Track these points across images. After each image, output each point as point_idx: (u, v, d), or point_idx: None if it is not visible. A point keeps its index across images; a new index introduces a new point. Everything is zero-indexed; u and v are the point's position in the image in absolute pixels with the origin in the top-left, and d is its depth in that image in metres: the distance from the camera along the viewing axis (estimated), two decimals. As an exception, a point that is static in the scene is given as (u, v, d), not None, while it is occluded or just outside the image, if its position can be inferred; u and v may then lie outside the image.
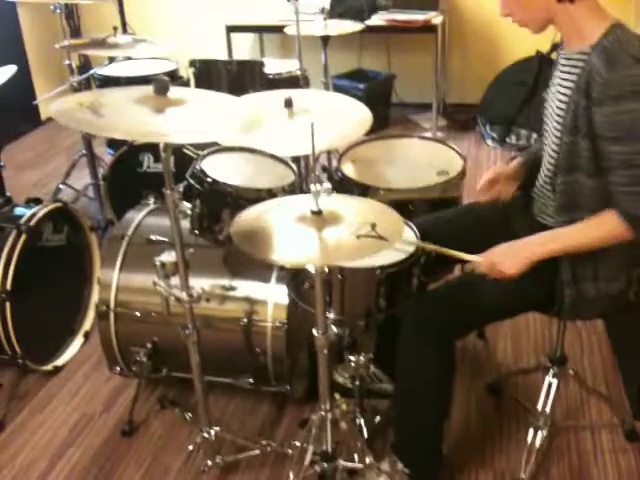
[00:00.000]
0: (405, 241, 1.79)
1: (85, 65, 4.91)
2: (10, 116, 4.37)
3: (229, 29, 4.68)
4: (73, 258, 2.74)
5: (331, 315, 1.77)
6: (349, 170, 2.31)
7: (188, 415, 2.27)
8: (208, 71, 3.39)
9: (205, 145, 2.18)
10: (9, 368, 2.55)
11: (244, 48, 5.16)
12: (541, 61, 4.31)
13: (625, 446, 2.16)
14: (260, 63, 3.39)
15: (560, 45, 1.83)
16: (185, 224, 1.92)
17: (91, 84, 3.79)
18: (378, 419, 2.20)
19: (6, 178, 2.78)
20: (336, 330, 1.71)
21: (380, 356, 2.14)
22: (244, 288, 2.16)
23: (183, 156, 2.82)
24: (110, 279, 2.22)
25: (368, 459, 1.93)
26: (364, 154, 2.42)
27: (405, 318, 1.82)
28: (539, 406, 2.07)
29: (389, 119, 4.90)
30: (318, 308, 1.64)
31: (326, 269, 1.63)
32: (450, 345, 1.82)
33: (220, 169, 2.08)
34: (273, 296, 2.14)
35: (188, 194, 2.02)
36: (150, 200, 2.46)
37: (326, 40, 3.35)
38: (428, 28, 4.41)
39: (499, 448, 2.17)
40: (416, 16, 4.40)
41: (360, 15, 4.37)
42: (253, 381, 2.22)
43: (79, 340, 2.72)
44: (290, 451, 2.12)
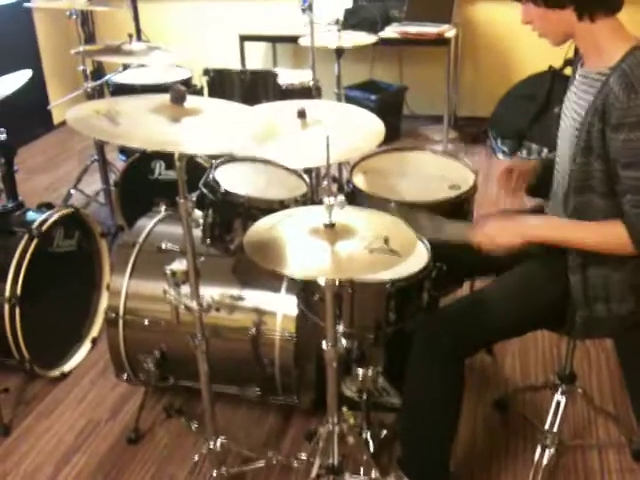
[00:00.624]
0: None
1: (99, 71, 4.93)
2: (24, 120, 4.40)
3: (242, 38, 4.70)
4: (83, 264, 2.75)
5: (340, 328, 1.76)
6: (360, 182, 2.31)
7: (194, 424, 2.26)
8: (222, 80, 3.41)
9: (218, 154, 2.18)
10: (16, 373, 2.55)
11: (257, 57, 5.18)
12: (553, 76, 4.31)
13: (632, 466, 2.15)
14: (273, 73, 3.40)
15: (575, 61, 1.83)
16: (196, 233, 1.92)
17: (104, 90, 3.81)
18: (384, 433, 2.19)
19: (18, 182, 2.79)
20: (345, 343, 1.70)
21: (389, 369, 2.14)
22: (253, 298, 2.15)
23: (195, 165, 2.82)
24: (120, 286, 2.23)
25: (374, 473, 1.91)
26: (376, 166, 2.42)
27: (415, 336, 1.81)
28: (547, 424, 2.06)
29: (400, 131, 4.90)
30: (328, 321, 1.63)
31: (337, 282, 1.63)
32: (459, 363, 1.81)
33: (232, 179, 2.08)
34: (282, 307, 2.13)
35: (200, 203, 2.02)
36: (161, 208, 2.46)
37: (340, 52, 3.36)
38: (441, 41, 4.42)
39: (505, 465, 2.16)
40: (429, 29, 4.41)
41: (373, 27, 4.39)
42: (260, 392, 2.21)
43: (86, 346, 2.73)
44: (296, 464, 2.11)
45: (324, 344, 1.66)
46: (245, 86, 3.39)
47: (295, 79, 3.48)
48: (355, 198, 2.23)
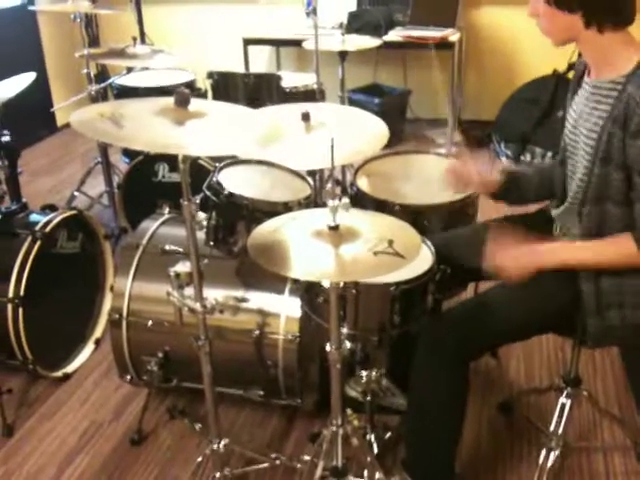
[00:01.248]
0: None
1: (103, 74, 4.94)
2: (27, 122, 4.40)
3: (246, 42, 4.70)
4: (86, 265, 2.75)
5: (344, 330, 1.76)
6: (364, 185, 2.31)
7: (197, 426, 2.26)
8: (225, 83, 3.41)
9: (221, 157, 2.19)
10: (19, 374, 2.55)
11: (261, 61, 5.18)
12: (557, 80, 4.31)
13: (638, 469, 2.14)
14: (277, 76, 3.41)
15: (577, 68, 1.82)
16: (200, 235, 1.92)
17: (108, 93, 3.82)
18: (389, 435, 2.19)
19: (22, 184, 2.80)
20: (349, 345, 1.70)
21: (393, 372, 2.13)
22: (257, 300, 2.15)
23: (199, 168, 2.83)
24: (123, 287, 2.23)
25: (378, 475, 1.91)
26: (379, 169, 2.42)
27: (419, 339, 1.80)
28: (552, 427, 2.05)
29: (404, 134, 4.90)
30: (332, 323, 1.63)
31: (341, 284, 1.63)
32: (464, 366, 1.80)
33: (236, 181, 2.08)
34: (286, 309, 2.13)
35: (204, 206, 2.02)
36: (165, 210, 2.47)
37: (343, 55, 3.37)
38: (445, 45, 4.42)
39: (510, 468, 2.15)
40: (433, 33, 4.41)
41: (377, 31, 4.39)
42: (263, 393, 2.21)
43: (90, 347, 2.73)
44: (299, 465, 2.11)
45: (328, 346, 1.66)
46: (249, 89, 3.40)
47: (299, 82, 3.49)
48: (359, 201, 2.23)
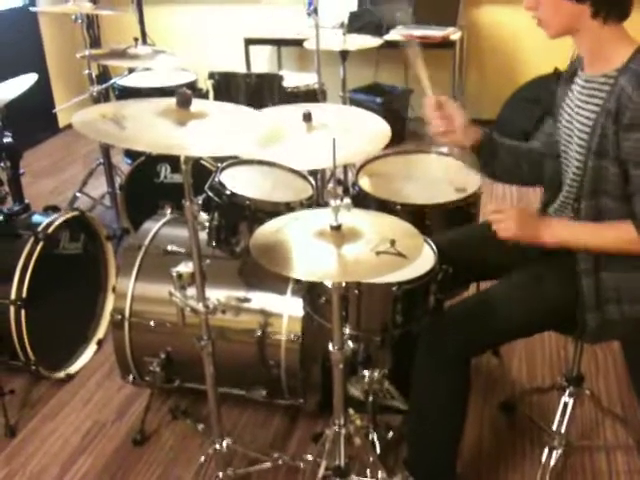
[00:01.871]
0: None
1: (104, 75, 4.95)
2: (29, 123, 4.41)
3: (248, 42, 4.71)
4: (88, 266, 2.76)
5: (347, 330, 1.76)
6: (366, 184, 2.31)
7: (200, 426, 2.27)
8: (227, 83, 3.41)
9: (223, 158, 2.19)
10: (22, 374, 2.56)
11: (262, 61, 5.18)
12: (559, 78, 4.29)
13: (640, 468, 2.15)
14: (279, 76, 3.41)
15: (571, 64, 1.82)
16: (202, 235, 1.92)
17: (109, 94, 3.82)
18: (391, 435, 2.19)
19: (24, 185, 2.81)
20: (352, 345, 1.70)
21: (395, 371, 2.13)
22: (259, 300, 2.16)
23: (201, 168, 2.83)
24: (126, 288, 2.23)
25: (381, 475, 1.91)
26: (381, 169, 2.42)
27: (420, 339, 1.80)
28: (554, 426, 2.05)
29: (405, 134, 4.90)
30: (335, 323, 1.63)
31: (343, 284, 1.63)
32: (465, 364, 1.80)
33: (238, 182, 2.08)
34: (288, 309, 2.14)
35: (206, 206, 2.03)
36: (167, 210, 2.47)
37: (345, 55, 3.37)
38: (446, 44, 4.42)
39: (513, 467, 2.15)
40: (434, 32, 4.41)
41: (378, 30, 4.39)
42: (266, 393, 2.21)
43: (92, 348, 2.73)
44: (302, 465, 2.11)
45: (330, 346, 1.66)
46: (250, 89, 3.40)
47: (300, 82, 3.49)
48: (361, 201, 2.23)
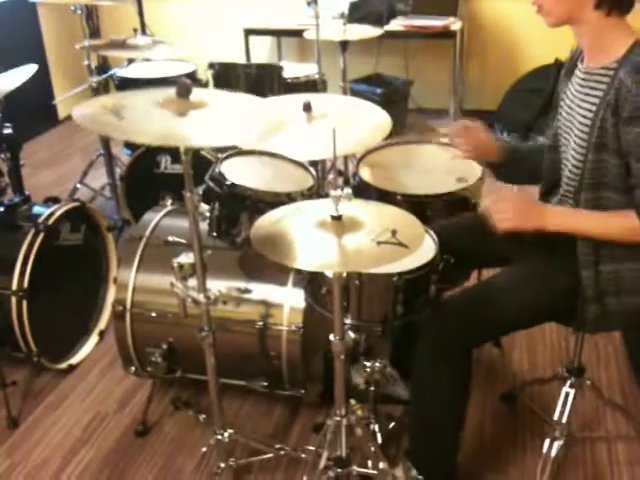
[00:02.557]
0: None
1: (104, 65, 4.94)
2: (29, 115, 4.40)
3: (247, 32, 4.69)
4: (89, 257, 2.76)
5: (348, 320, 1.76)
6: (367, 175, 2.30)
7: (202, 417, 2.27)
8: (227, 74, 3.40)
9: (223, 148, 2.18)
10: (24, 366, 2.56)
11: (262, 51, 5.17)
12: (559, 69, 4.28)
13: (641, 458, 2.15)
14: (279, 67, 3.40)
15: (572, 56, 1.81)
16: (203, 226, 1.92)
17: (109, 85, 3.81)
18: (392, 425, 2.19)
19: (24, 177, 2.80)
20: (353, 335, 1.70)
21: (397, 359, 2.13)
22: (260, 291, 2.15)
23: (200, 158, 2.82)
24: (127, 279, 2.23)
25: (382, 465, 1.92)
26: (382, 159, 2.41)
27: (421, 329, 1.80)
28: (555, 416, 2.05)
29: (406, 124, 4.89)
30: (336, 314, 1.63)
31: (344, 274, 1.63)
32: (466, 356, 1.80)
33: (239, 172, 2.08)
34: (289, 300, 2.13)
35: (207, 197, 2.02)
36: (167, 201, 2.46)
37: (345, 45, 3.35)
38: (447, 34, 4.41)
39: (514, 458, 2.16)
40: (435, 22, 4.40)
41: (379, 20, 4.38)
42: (267, 384, 2.22)
43: (94, 339, 2.73)
44: (303, 455, 2.11)
45: (332, 337, 1.66)
46: (250, 80, 3.39)
47: (300, 73, 3.48)
48: (362, 191, 2.22)
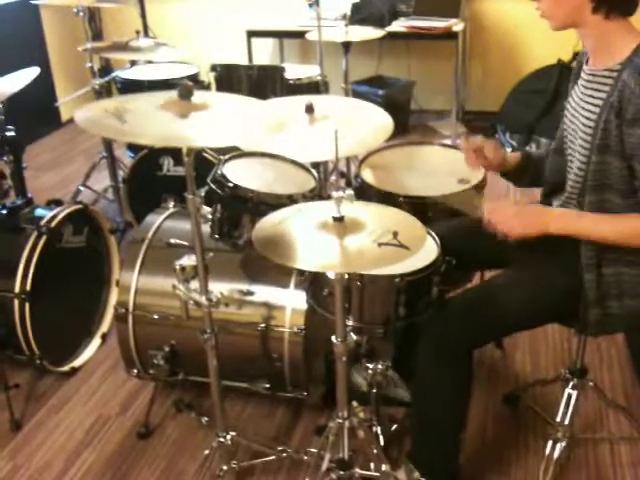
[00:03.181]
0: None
1: (106, 68, 4.95)
2: (31, 117, 4.40)
3: (250, 34, 4.69)
4: (92, 260, 2.76)
5: (350, 322, 1.76)
6: (369, 176, 2.30)
7: (204, 419, 2.27)
8: (229, 76, 3.40)
9: (225, 150, 2.18)
10: (27, 368, 2.56)
11: (264, 53, 5.17)
12: (562, 70, 4.28)
13: (644, 460, 2.14)
14: (281, 68, 3.40)
15: (578, 58, 1.81)
16: (205, 228, 1.92)
17: (111, 87, 3.82)
18: (394, 427, 2.19)
19: (27, 179, 2.80)
20: (355, 337, 1.70)
21: (399, 361, 2.13)
22: (262, 293, 2.15)
23: (203, 160, 2.83)
24: (129, 282, 2.23)
25: (384, 467, 1.91)
26: (384, 161, 2.41)
27: (423, 331, 1.80)
28: (558, 418, 2.05)
29: (408, 126, 4.89)
30: (338, 315, 1.63)
31: (346, 276, 1.63)
32: (468, 357, 1.80)
33: (241, 174, 2.08)
34: (291, 302, 2.13)
35: (209, 198, 2.03)
36: (170, 204, 2.47)
37: (347, 46, 3.36)
38: (449, 35, 4.40)
39: (516, 459, 2.15)
40: (437, 23, 4.39)
41: (381, 21, 4.38)
42: (269, 386, 2.21)
43: (96, 342, 2.73)
44: (305, 457, 2.11)
45: (333, 338, 1.66)
46: (252, 81, 3.39)
47: (302, 74, 3.48)
48: (363, 193, 2.22)
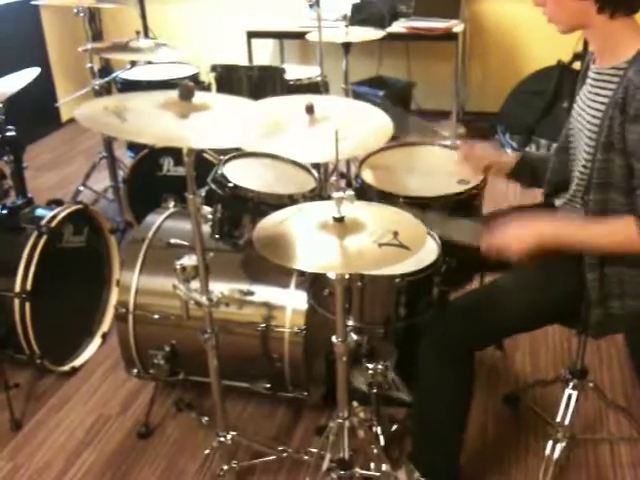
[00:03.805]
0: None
1: (106, 68, 4.94)
2: (32, 117, 4.40)
3: (250, 35, 4.70)
4: (92, 260, 2.76)
5: (350, 322, 1.76)
6: (369, 177, 2.30)
7: (204, 419, 2.27)
8: (229, 76, 3.40)
9: (226, 150, 2.18)
10: (27, 368, 2.56)
11: (264, 54, 5.17)
12: (562, 71, 4.29)
13: (644, 460, 2.14)
14: (281, 69, 3.40)
15: (587, 55, 1.81)
16: (205, 228, 1.92)
17: (112, 87, 3.82)
18: (395, 427, 2.19)
19: (27, 179, 2.80)
20: (355, 337, 1.70)
21: (399, 361, 2.13)
22: (263, 293, 2.16)
23: (203, 160, 2.83)
24: (130, 281, 2.23)
25: (385, 467, 1.92)
26: (384, 161, 2.41)
27: (424, 332, 1.80)
28: (558, 418, 2.05)
29: (408, 126, 4.88)
30: (338, 315, 1.63)
31: (346, 276, 1.63)
32: (469, 358, 1.80)
33: (241, 174, 2.08)
34: (292, 302, 2.13)
35: (209, 199, 2.03)
36: (170, 204, 2.47)
37: (347, 47, 3.36)
38: (449, 36, 4.40)
39: (516, 460, 2.15)
40: (437, 24, 4.39)
41: (381, 22, 4.37)
42: (270, 386, 2.21)
43: (97, 341, 2.74)
44: (306, 457, 2.11)
45: (334, 338, 1.66)
46: (253, 82, 3.39)
47: (303, 75, 3.48)
48: (364, 193, 2.22)
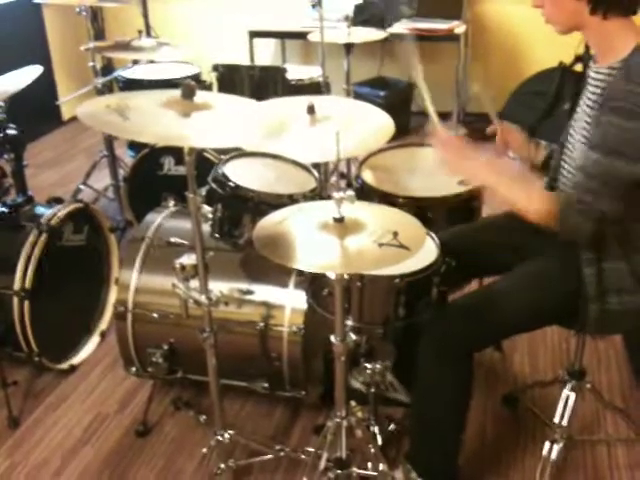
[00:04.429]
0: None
1: (108, 67, 4.94)
2: (33, 116, 4.40)
3: (252, 34, 4.70)
4: (92, 258, 2.76)
5: (349, 322, 1.76)
6: (369, 178, 2.31)
7: (202, 417, 2.27)
8: (231, 76, 3.41)
9: (226, 149, 2.19)
10: (25, 366, 2.56)
11: (266, 54, 5.17)
12: (563, 72, 4.28)
13: (641, 462, 2.15)
14: (283, 69, 3.41)
15: (586, 59, 1.82)
16: (205, 227, 1.93)
17: (113, 86, 3.82)
18: (392, 427, 2.19)
19: (27, 177, 2.81)
20: (354, 337, 1.70)
21: (398, 366, 2.14)
22: (262, 292, 2.16)
23: (203, 160, 2.83)
24: (129, 280, 2.24)
25: (382, 467, 1.92)
26: (384, 162, 2.42)
27: (423, 332, 1.81)
28: (556, 419, 2.06)
29: (409, 127, 4.89)
30: (337, 315, 1.63)
31: (346, 276, 1.63)
32: (468, 359, 1.81)
33: (241, 174, 2.08)
34: (291, 301, 2.14)
35: (210, 198, 2.03)
36: (170, 203, 2.47)
37: (349, 47, 3.36)
38: (451, 37, 4.41)
39: (514, 460, 2.16)
40: (439, 25, 4.40)
41: (383, 23, 4.38)
42: (268, 385, 2.22)
43: (95, 339, 2.74)
44: (303, 457, 2.12)
45: (333, 338, 1.66)
46: (254, 82, 3.40)
47: (304, 75, 3.49)
48: (364, 194, 2.22)
